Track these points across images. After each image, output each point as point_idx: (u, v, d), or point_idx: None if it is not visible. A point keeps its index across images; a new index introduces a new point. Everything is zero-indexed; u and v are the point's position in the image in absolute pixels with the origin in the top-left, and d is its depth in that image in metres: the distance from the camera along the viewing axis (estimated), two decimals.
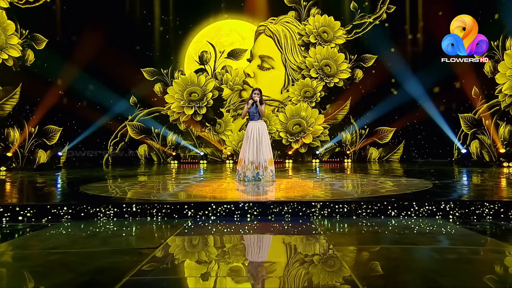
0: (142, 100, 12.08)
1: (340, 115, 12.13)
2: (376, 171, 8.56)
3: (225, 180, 6.47)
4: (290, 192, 4.92)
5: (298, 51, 12.07)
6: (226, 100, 12.21)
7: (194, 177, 7.44)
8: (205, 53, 12.19)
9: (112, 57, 10.78)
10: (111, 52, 10.84)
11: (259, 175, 5.78)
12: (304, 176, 7.34)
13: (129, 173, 8.45)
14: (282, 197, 4.61)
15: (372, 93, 11.71)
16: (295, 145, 12.17)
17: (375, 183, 5.94)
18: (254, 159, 5.75)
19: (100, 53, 10.65)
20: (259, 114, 5.80)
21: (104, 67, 10.77)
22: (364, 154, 12.25)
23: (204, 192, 5.07)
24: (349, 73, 12.06)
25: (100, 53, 10.65)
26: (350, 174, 7.82)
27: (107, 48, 10.78)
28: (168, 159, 12.20)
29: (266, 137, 5.87)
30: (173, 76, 12.15)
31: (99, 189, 5.36)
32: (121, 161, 11.89)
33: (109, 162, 11.98)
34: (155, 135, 12.19)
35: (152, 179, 6.98)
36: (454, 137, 11.21)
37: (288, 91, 12.17)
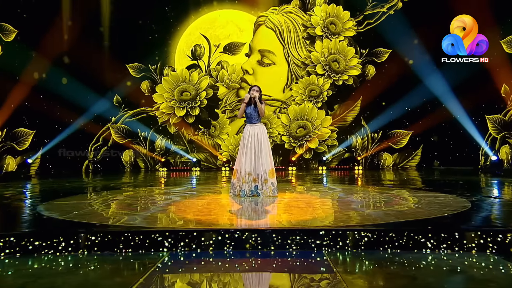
0: (127, 100, 11.81)
1: (349, 117, 11.91)
2: (393, 181, 8.18)
3: (218, 196, 5.89)
4: (295, 213, 4.30)
5: (302, 44, 11.84)
6: (221, 99, 11.97)
7: (182, 189, 6.95)
8: (198, 47, 11.94)
9: (92, 51, 10.65)
10: (91, 45, 10.67)
11: (258, 189, 5.31)
12: (309, 187, 6.97)
13: (109, 183, 8.11)
14: (285, 221, 3.98)
15: (386, 91, 11.40)
16: (299, 150, 11.98)
17: (397, 200, 5.29)
18: (252, 170, 5.29)
19: (78, 47, 10.48)
20: (258, 115, 5.38)
21: (84, 62, 10.53)
22: (376, 160, 12.02)
23: (190, 212, 4.45)
24: (359, 70, 11.81)
25: (79, 46, 10.47)
26: (363, 186, 7.41)
27: (86, 41, 10.57)
28: (156, 166, 11.97)
29: (266, 144, 5.41)
30: (162, 72, 11.88)
31: (61, 209, 4.70)
32: (103, 169, 11.72)
33: (90, 170, 11.74)
34: (142, 139, 11.95)
35: (133, 191, 6.50)
36: (481, 141, 10.94)
37: (291, 90, 11.95)
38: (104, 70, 11.22)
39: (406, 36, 11.15)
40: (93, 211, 4.58)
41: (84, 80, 10.92)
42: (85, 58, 10.57)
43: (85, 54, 10.53)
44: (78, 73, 10.83)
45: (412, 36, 11.15)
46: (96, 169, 11.75)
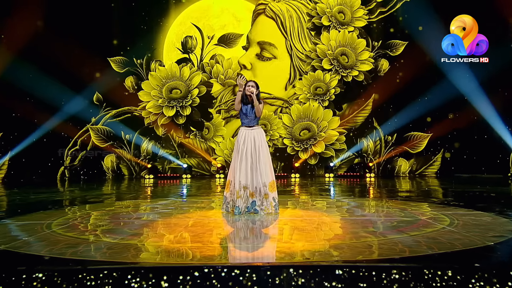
0: (109, 98, 11.65)
1: (360, 117, 11.83)
2: (412, 193, 7.78)
3: (207, 212, 5.35)
4: (301, 239, 3.73)
5: (307, 36, 11.80)
6: (216, 98, 11.91)
7: (167, 203, 6.45)
8: (190, 38, 11.86)
9: (68, 42, 10.43)
10: (66, 36, 10.45)
11: (256, 206, 4.89)
12: (315, 199, 6.66)
13: (85, 194, 7.79)
14: (288, 252, 3.36)
15: (402, 89, 11.27)
16: (303, 155, 11.87)
17: (424, 220, 4.69)
18: (248, 182, 4.88)
19: (50, 37, 10.19)
20: (255, 116, 5.03)
21: (58, 55, 10.33)
22: (391, 166, 11.91)
23: (169, 238, 3.89)
24: (371, 64, 11.72)
25: (50, 36, 10.18)
26: (378, 198, 7.03)
27: (60, 32, 10.40)
28: (142, 173, 11.85)
29: (265, 151, 5.01)
30: (149, 67, 11.80)
31: (4, 234, 4.04)
32: (81, 176, 11.58)
33: (66, 177, 11.53)
34: (126, 142, 11.82)
35: (107, 206, 6.02)
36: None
37: (295, 87, 11.90)
38: (81, 64, 10.94)
39: (427, 26, 10.97)
40: (47, 236, 3.97)
41: (58, 75, 10.71)
42: (58, 50, 10.29)
43: (58, 46, 10.25)
44: (50, 67, 10.57)
45: (434, 26, 10.86)
46: (73, 177, 11.55)
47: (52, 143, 11.29)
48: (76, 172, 11.58)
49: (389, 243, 3.62)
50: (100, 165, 11.78)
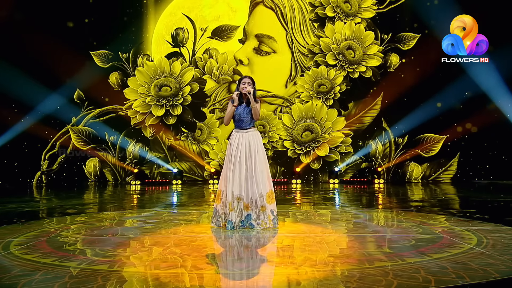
0: (91, 96, 11.65)
1: (367, 118, 11.85)
2: (427, 202, 7.61)
3: (196, 227, 5.06)
4: (305, 263, 3.40)
5: (309, 28, 11.80)
6: (209, 96, 11.95)
7: (150, 215, 6.17)
8: (181, 30, 11.86)
9: (44, 34, 10.38)
10: (41, 27, 10.47)
11: (252, 220, 4.70)
12: (318, 210, 6.53)
13: (61, 203, 7.60)
14: (289, 278, 3.07)
15: (414, 86, 11.27)
16: (306, 159, 11.88)
17: (447, 238, 4.35)
18: (242, 193, 4.70)
19: (24, 29, 10.29)
20: (251, 117, 4.86)
21: (33, 48, 10.35)
22: (401, 172, 11.91)
23: (146, 261, 3.55)
24: (380, 59, 11.73)
25: (25, 29, 10.28)
26: (389, 208, 6.87)
27: (34, 22, 10.47)
28: (127, 179, 11.86)
29: (262, 157, 4.84)
30: (136, 62, 11.80)
31: None
32: (60, 182, 11.53)
33: (43, 184, 11.51)
34: (110, 145, 11.83)
35: (83, 219, 5.77)
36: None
37: (296, 84, 11.91)
38: (59, 58, 10.85)
39: (442, 16, 10.91)
40: (0, 260, 3.58)
41: (32, 70, 10.70)
42: (33, 42, 10.35)
43: (32, 38, 10.32)
44: (23, 62, 10.60)
45: (450, 16, 10.82)
46: (51, 183, 11.50)
47: (27, 146, 11.29)
48: (54, 178, 11.55)
49: (409, 269, 3.25)
50: (82, 170, 11.74)
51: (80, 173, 11.70)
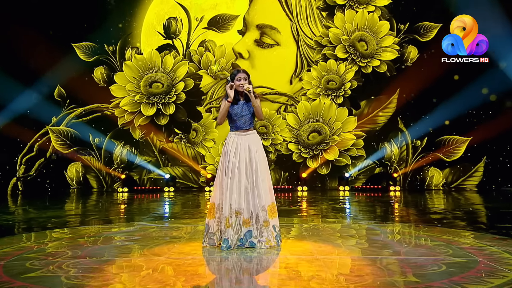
0: (73, 93, 11.71)
1: (382, 117, 11.87)
2: (452, 214, 7.39)
3: (185, 247, 4.82)
4: None
5: (317, 18, 11.83)
6: (206, 93, 11.99)
7: (133, 230, 5.92)
8: (174, 20, 11.94)
9: (20, 24, 10.58)
10: (17, 16, 10.65)
11: (252, 237, 4.53)
12: (327, 223, 6.39)
13: (35, 214, 7.52)
14: None
15: (434, 82, 11.27)
16: (313, 163, 11.90)
17: (483, 261, 4.05)
18: (242, 206, 4.55)
19: None
20: (251, 117, 4.75)
21: (6, 39, 10.58)
22: (420, 178, 11.91)
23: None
24: (396, 52, 11.77)
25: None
26: (409, 221, 6.68)
27: (7, 10, 10.60)
28: (114, 186, 11.95)
29: (263, 163, 4.70)
30: (123, 56, 11.86)
31: None
32: (38, 190, 11.52)
33: (19, 191, 11.57)
34: (95, 147, 11.91)
35: (55, 235, 5.57)
36: None
37: (302, 80, 11.93)
38: (37, 50, 10.97)
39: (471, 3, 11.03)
40: None
41: (5, 64, 10.81)
42: (6, 33, 10.58)
43: (3, 25, 10.53)
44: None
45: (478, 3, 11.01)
46: (29, 191, 11.51)
47: (1, 149, 11.40)
48: (32, 185, 11.59)
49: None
50: (63, 176, 11.79)
51: (61, 180, 11.71)
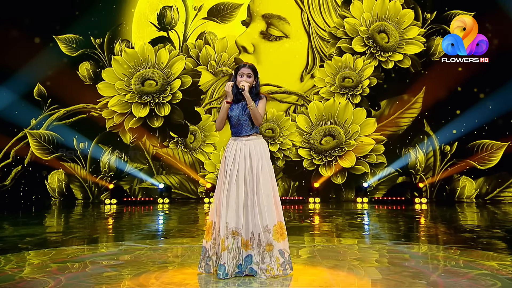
0: (55, 92, 11.72)
1: (405, 120, 11.82)
2: (490, 232, 7.15)
3: (177, 273, 4.62)
4: None
5: (331, 6, 11.80)
6: (205, 92, 11.99)
7: (117, 253, 5.76)
8: (169, 10, 11.95)
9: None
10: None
11: (253, 263, 4.37)
12: (344, 241, 6.42)
13: (7, 233, 7.40)
14: None
15: (466, 80, 11.37)
16: (326, 171, 11.90)
17: None
18: (240, 225, 4.42)
19: None
20: (251, 121, 4.65)
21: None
22: (450, 188, 11.84)
23: None
24: (422, 45, 11.64)
25: None
26: (439, 241, 6.53)
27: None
28: (101, 196, 11.93)
29: (267, 174, 4.55)
30: (112, 50, 11.91)
31: None
32: (14, 202, 11.68)
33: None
34: (80, 153, 11.96)
35: (20, 259, 5.33)
36: None
37: (314, 78, 11.89)
38: (12, 42, 11.15)
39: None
40: None
41: None
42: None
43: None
44: None
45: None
46: (3, 203, 11.56)
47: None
48: (7, 196, 11.69)
49: None
50: (43, 186, 11.82)
51: (41, 190, 11.76)
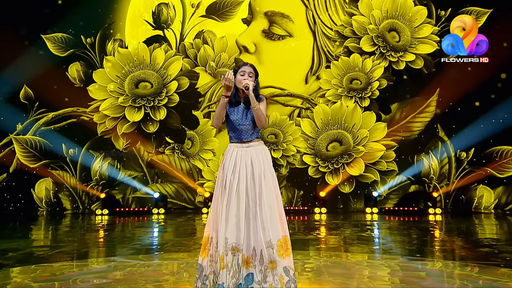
0: (43, 95, 11.72)
1: (418, 124, 11.78)
2: (510, 245, 7.14)
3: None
4: None
5: (338, 3, 11.85)
6: (203, 95, 11.98)
7: (105, 270, 5.57)
8: (165, 7, 12.04)
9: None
10: None
11: (254, 283, 4.23)
12: (353, 256, 6.25)
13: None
14: None
15: (483, 82, 11.31)
16: (333, 179, 11.86)
17: None
18: (240, 240, 4.29)
19: None
20: (254, 125, 4.53)
21: None
22: (466, 198, 11.76)
23: None
24: (435, 44, 11.63)
25: None
26: (455, 256, 6.37)
27: None
28: (92, 207, 11.89)
29: (270, 184, 4.42)
30: (104, 50, 11.94)
31: None
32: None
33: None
34: (69, 160, 11.92)
35: (9, 276, 5.11)
36: None
37: (320, 79, 11.86)
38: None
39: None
40: None
41: None
42: None
43: None
44: None
45: None
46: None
47: None
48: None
49: None
50: (30, 195, 11.79)
51: (27, 199, 11.73)
